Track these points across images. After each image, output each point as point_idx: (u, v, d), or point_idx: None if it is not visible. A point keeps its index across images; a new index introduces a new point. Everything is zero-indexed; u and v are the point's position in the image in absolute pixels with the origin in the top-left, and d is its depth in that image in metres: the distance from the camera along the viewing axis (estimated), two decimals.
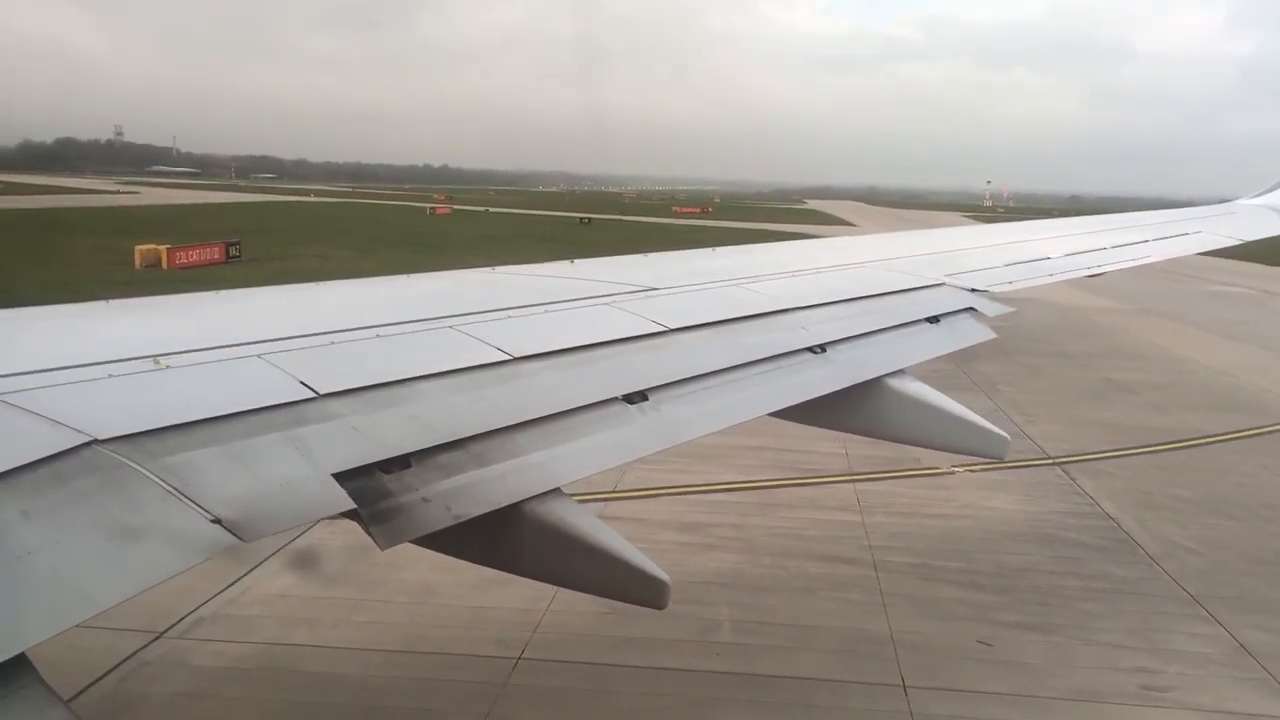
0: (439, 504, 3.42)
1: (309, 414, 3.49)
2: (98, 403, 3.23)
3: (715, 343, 5.32)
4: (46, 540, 2.52)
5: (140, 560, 2.63)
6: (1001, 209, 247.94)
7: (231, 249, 57.99)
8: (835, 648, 10.85)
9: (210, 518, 2.83)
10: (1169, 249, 11.40)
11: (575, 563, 3.77)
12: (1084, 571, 13.25)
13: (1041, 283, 8.98)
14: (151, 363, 3.63)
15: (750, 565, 13.16)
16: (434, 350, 4.32)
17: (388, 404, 3.72)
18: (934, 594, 12.36)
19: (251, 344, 3.99)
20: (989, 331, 7.20)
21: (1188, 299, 50.82)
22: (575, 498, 3.94)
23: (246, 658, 10.40)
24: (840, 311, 6.45)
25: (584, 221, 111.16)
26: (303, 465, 3.22)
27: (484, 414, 3.89)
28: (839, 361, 5.69)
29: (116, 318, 4.76)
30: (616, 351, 4.85)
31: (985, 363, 29.35)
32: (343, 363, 3.99)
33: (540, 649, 10.65)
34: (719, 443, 18.30)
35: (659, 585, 3.79)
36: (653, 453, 4.33)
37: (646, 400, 4.48)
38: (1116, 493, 16.77)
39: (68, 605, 2.43)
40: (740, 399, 4.97)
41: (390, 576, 12.15)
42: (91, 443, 2.92)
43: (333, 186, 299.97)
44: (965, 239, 11.01)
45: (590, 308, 5.54)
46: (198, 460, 3.04)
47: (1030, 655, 10.83)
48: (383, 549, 3.33)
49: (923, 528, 14.82)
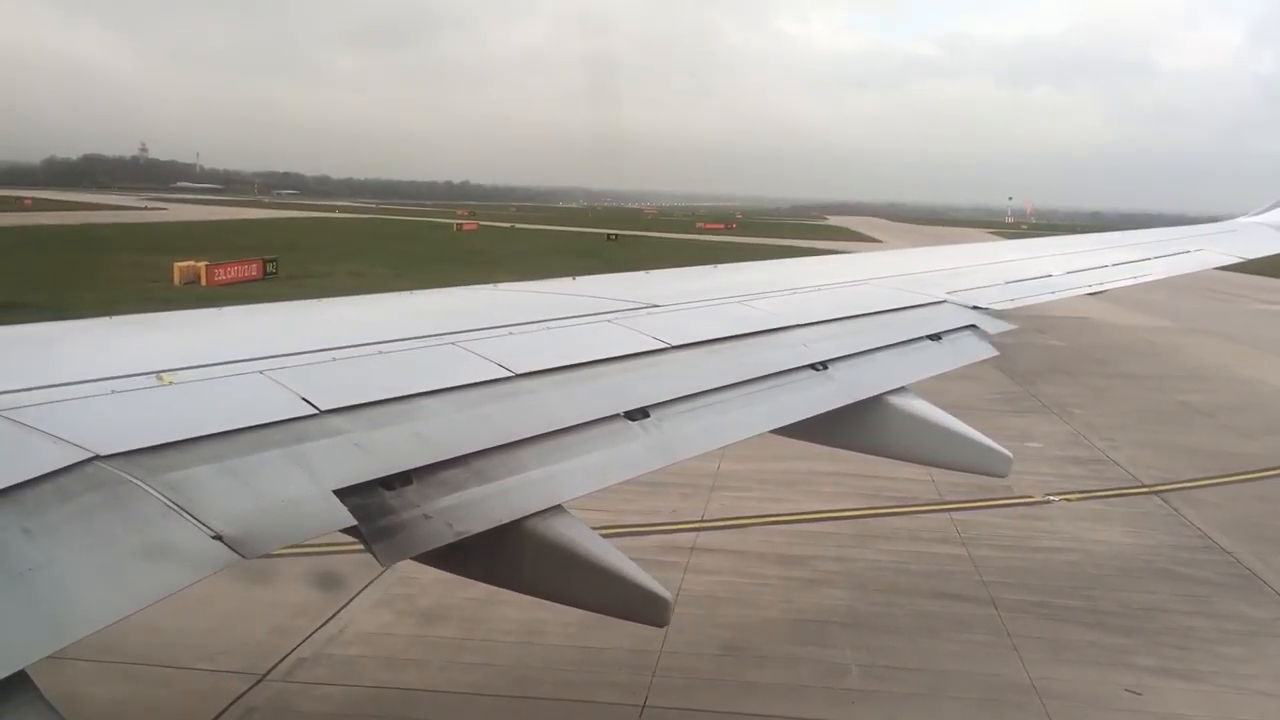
0: (440, 521, 3.42)
1: (310, 430, 3.48)
2: (100, 419, 3.21)
3: (716, 360, 5.31)
4: (48, 556, 2.51)
5: (142, 576, 2.63)
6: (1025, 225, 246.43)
7: (269, 266, 57.83)
8: (977, 696, 10.20)
9: (212, 534, 2.82)
10: (1169, 267, 11.24)
11: (577, 579, 3.78)
12: (1215, 611, 12.56)
13: (1043, 300, 8.87)
14: (154, 379, 3.62)
15: (863, 603, 12.54)
16: (435, 367, 4.31)
17: (389, 420, 3.72)
18: (1062, 635, 11.69)
19: (253, 360, 3.97)
20: (991, 349, 7.13)
21: (1236, 318, 49.93)
22: (659, 528, 3.52)
23: (358, 702, 9.86)
24: (841, 329, 6.40)
25: (611, 238, 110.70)
26: (304, 482, 3.21)
27: (485, 431, 3.90)
28: (840, 379, 5.66)
29: (119, 334, 4.73)
30: (617, 368, 4.84)
31: (1051, 384, 28.72)
32: (344, 379, 3.98)
33: (663, 695, 10.05)
34: (800, 468, 17.82)
35: (661, 603, 3.81)
36: (653, 470, 4.31)
37: (648, 417, 4.48)
38: (1225, 524, 16.05)
39: (69, 622, 2.42)
40: (741, 416, 4.97)
41: (490, 614, 11.60)
42: (94, 459, 2.90)
43: (355, 203, 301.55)
44: (967, 257, 10.84)
45: (591, 324, 5.51)
46: (200, 476, 3.03)
47: (1183, 706, 10.16)
48: (384, 566, 3.32)
49: (1032, 562, 14.16)
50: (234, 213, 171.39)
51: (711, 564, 13.68)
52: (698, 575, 13.21)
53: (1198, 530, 15.77)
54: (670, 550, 14.07)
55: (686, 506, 16.09)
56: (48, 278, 48.47)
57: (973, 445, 5.85)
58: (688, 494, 16.63)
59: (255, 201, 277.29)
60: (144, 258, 64.11)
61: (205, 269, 52.22)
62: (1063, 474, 19.04)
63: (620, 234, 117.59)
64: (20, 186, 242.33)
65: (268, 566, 12.71)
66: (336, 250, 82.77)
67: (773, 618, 12.09)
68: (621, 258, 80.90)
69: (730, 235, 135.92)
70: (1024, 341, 35.89)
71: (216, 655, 10.60)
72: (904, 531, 15.37)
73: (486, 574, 3.89)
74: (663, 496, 16.34)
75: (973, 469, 6.04)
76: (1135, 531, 15.72)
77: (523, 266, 62.47)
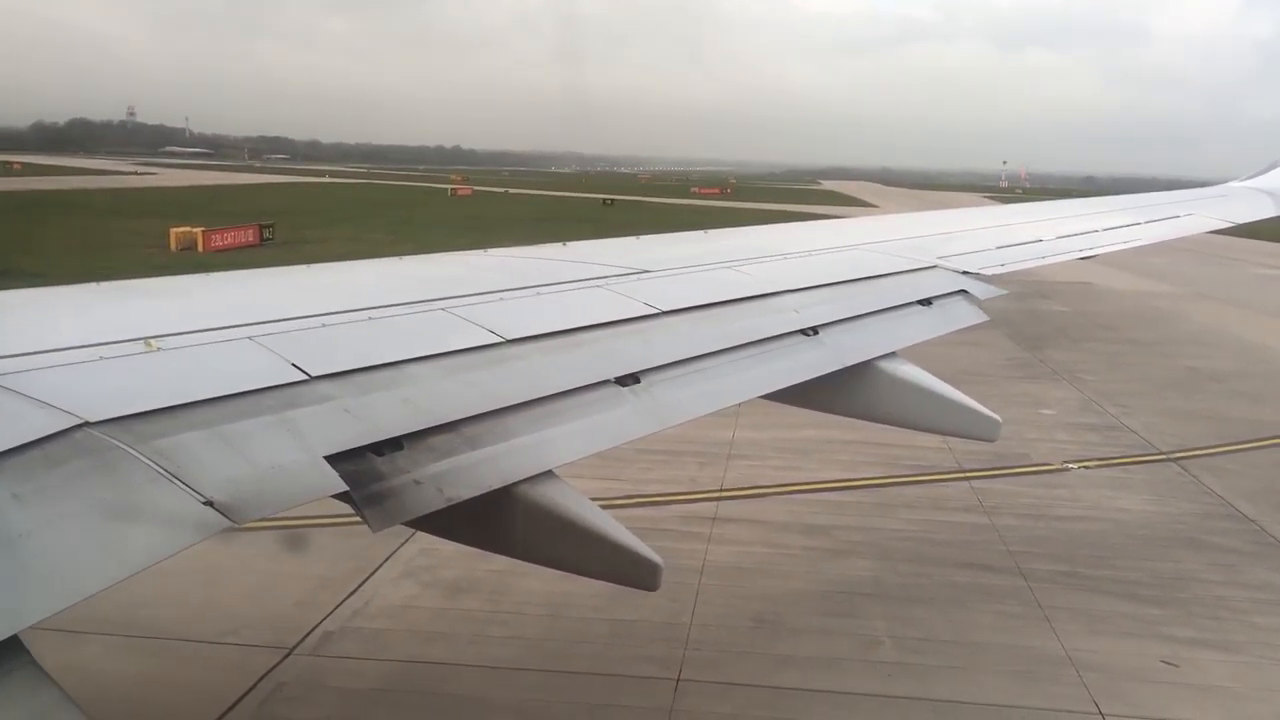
0: (431, 486, 3.42)
1: (301, 396, 3.47)
2: (89, 385, 3.19)
3: (707, 326, 5.30)
4: (38, 523, 2.51)
5: (132, 543, 2.63)
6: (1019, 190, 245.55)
7: (265, 231, 57.26)
8: (1012, 669, 10.09)
9: (202, 500, 2.82)
10: (1160, 231, 11.16)
11: (568, 545, 3.79)
12: (1247, 581, 12.47)
13: (1033, 265, 8.85)
14: (143, 345, 3.59)
15: (890, 573, 12.41)
16: (426, 333, 4.30)
17: (379, 386, 3.71)
18: (1094, 606, 11.58)
19: (243, 326, 3.95)
20: (981, 314, 7.14)
21: (1240, 283, 49.82)
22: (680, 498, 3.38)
23: (389, 677, 9.72)
24: (832, 294, 6.40)
25: (607, 203, 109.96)
26: (295, 447, 3.20)
27: (476, 396, 3.89)
28: (831, 344, 5.69)
29: (107, 300, 4.66)
30: (608, 334, 4.84)
31: (1059, 350, 28.62)
32: (334, 345, 3.96)
33: (697, 669, 9.92)
34: (815, 436, 17.71)
35: (651, 567, 3.80)
36: (644, 435, 4.30)
37: (638, 383, 4.48)
38: (1248, 492, 15.94)
39: (60, 588, 2.42)
40: (732, 382, 4.99)
41: (516, 585, 11.46)
42: (83, 425, 2.89)
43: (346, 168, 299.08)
44: (957, 222, 10.78)
45: (582, 290, 5.49)
46: (189, 442, 3.02)
47: (1221, 678, 10.07)
48: (374, 531, 3.33)
49: (1057, 531, 14.05)
50: (224, 177, 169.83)
51: (735, 534, 13.54)
52: (722, 546, 13.07)
53: (1220, 498, 15.67)
54: (693, 520, 13.93)
55: (705, 476, 15.94)
56: (44, 244, 47.93)
57: (962, 410, 5.90)
58: (704, 463, 16.48)
59: (246, 166, 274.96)
60: (138, 223, 63.50)
61: (202, 235, 51.65)
62: (1080, 440, 18.93)
63: (616, 199, 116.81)
64: (8, 151, 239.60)
65: (289, 537, 12.56)
66: (332, 215, 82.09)
67: (801, 589, 11.96)
68: (619, 222, 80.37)
69: (726, 200, 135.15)
70: (1028, 308, 35.79)
71: (242, 629, 10.45)
72: (925, 500, 15.25)
73: (478, 539, 3.91)
74: (680, 465, 16.20)
75: (962, 433, 6.14)
76: (1157, 499, 15.62)
77: (522, 231, 62.01)
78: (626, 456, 15.69)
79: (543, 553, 3.88)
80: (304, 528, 12.49)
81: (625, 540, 3.80)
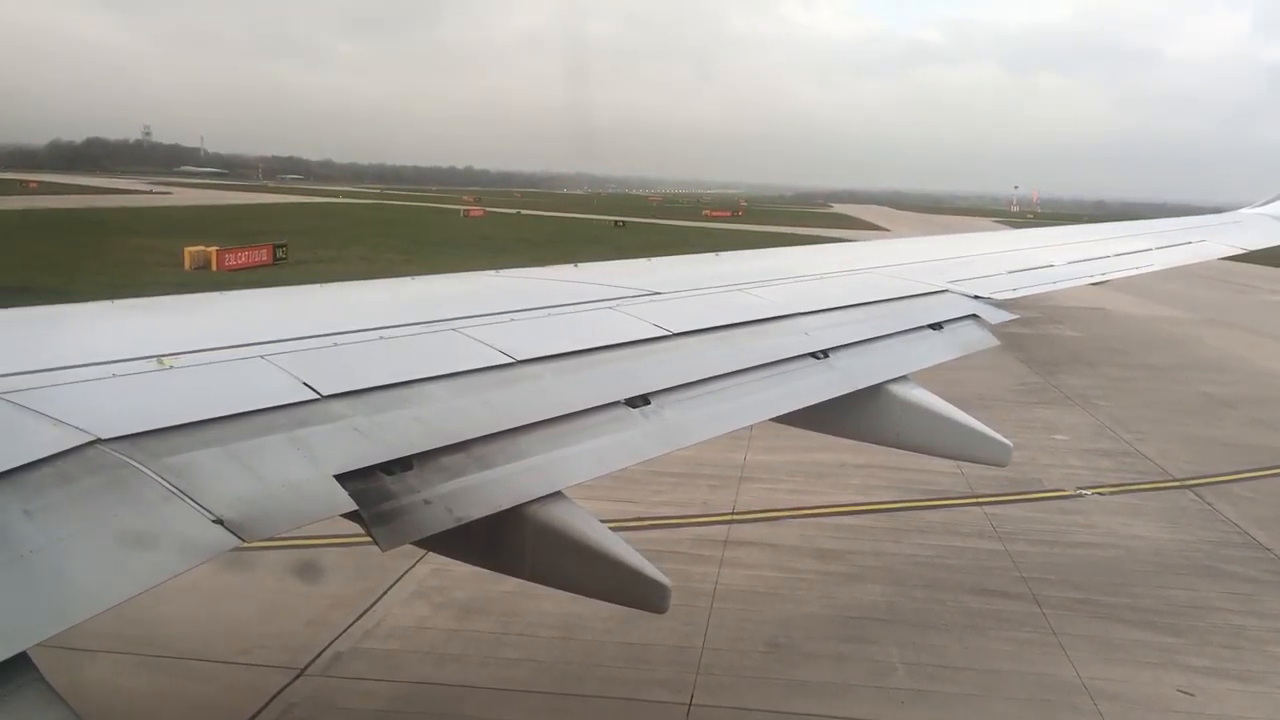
0: (441, 506, 3.42)
1: (312, 415, 3.48)
2: (101, 402, 3.22)
3: (718, 347, 5.31)
4: (49, 539, 2.52)
5: (142, 560, 2.63)
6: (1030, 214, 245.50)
7: (279, 250, 57.59)
8: (1027, 696, 10.01)
9: (212, 518, 2.82)
10: (1173, 257, 11.15)
11: (577, 566, 3.78)
12: (1263, 610, 12.36)
13: (1044, 290, 8.84)
14: (155, 363, 3.61)
15: (903, 598, 12.34)
16: (437, 352, 4.31)
17: (390, 406, 3.72)
18: (1109, 634, 11.49)
19: (255, 345, 3.97)
20: (992, 338, 7.12)
21: (1252, 309, 49.64)
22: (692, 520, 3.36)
23: (401, 699, 9.69)
24: (843, 317, 6.40)
25: (619, 225, 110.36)
26: (305, 466, 3.21)
27: (486, 416, 3.90)
28: (841, 367, 5.68)
29: (121, 317, 4.71)
30: (619, 355, 4.84)
31: (1072, 375, 28.52)
32: (346, 364, 3.97)
33: (709, 693, 9.87)
34: (828, 459, 17.65)
35: (660, 589, 3.79)
36: (654, 457, 4.28)
37: (649, 404, 4.48)
38: (1263, 520, 15.83)
39: (70, 605, 2.42)
40: (742, 404, 4.98)
41: (528, 607, 11.42)
42: (95, 442, 2.90)
43: (359, 188, 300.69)
44: (968, 246, 10.76)
45: (593, 311, 5.50)
46: (200, 460, 3.03)
47: (1239, 708, 9.98)
48: (384, 550, 3.33)
49: (1072, 558, 13.96)
50: (239, 197, 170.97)
51: (747, 558, 13.50)
52: (734, 569, 13.03)
53: (1234, 525, 15.57)
54: (705, 544, 13.90)
55: (717, 499, 15.91)
56: (59, 262, 48.28)
57: (973, 434, 5.86)
58: (716, 486, 16.45)
59: (260, 186, 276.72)
60: (153, 241, 63.90)
61: (216, 254, 51.98)
62: (1094, 466, 18.84)
63: (627, 220, 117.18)
64: (25, 169, 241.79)
65: (301, 557, 12.56)
66: (345, 235, 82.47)
67: (814, 614, 11.91)
68: (631, 244, 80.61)
69: (737, 223, 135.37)
70: (1041, 333, 35.70)
71: (253, 649, 10.44)
72: (938, 525, 15.18)
73: (487, 560, 3.90)
74: (692, 488, 16.18)
75: (973, 458, 6.10)
76: (1171, 526, 15.52)
77: (534, 253, 62.28)
78: (639, 478, 15.67)
79: (552, 573, 3.88)
80: (316, 547, 12.50)
81: (634, 562, 3.79)
